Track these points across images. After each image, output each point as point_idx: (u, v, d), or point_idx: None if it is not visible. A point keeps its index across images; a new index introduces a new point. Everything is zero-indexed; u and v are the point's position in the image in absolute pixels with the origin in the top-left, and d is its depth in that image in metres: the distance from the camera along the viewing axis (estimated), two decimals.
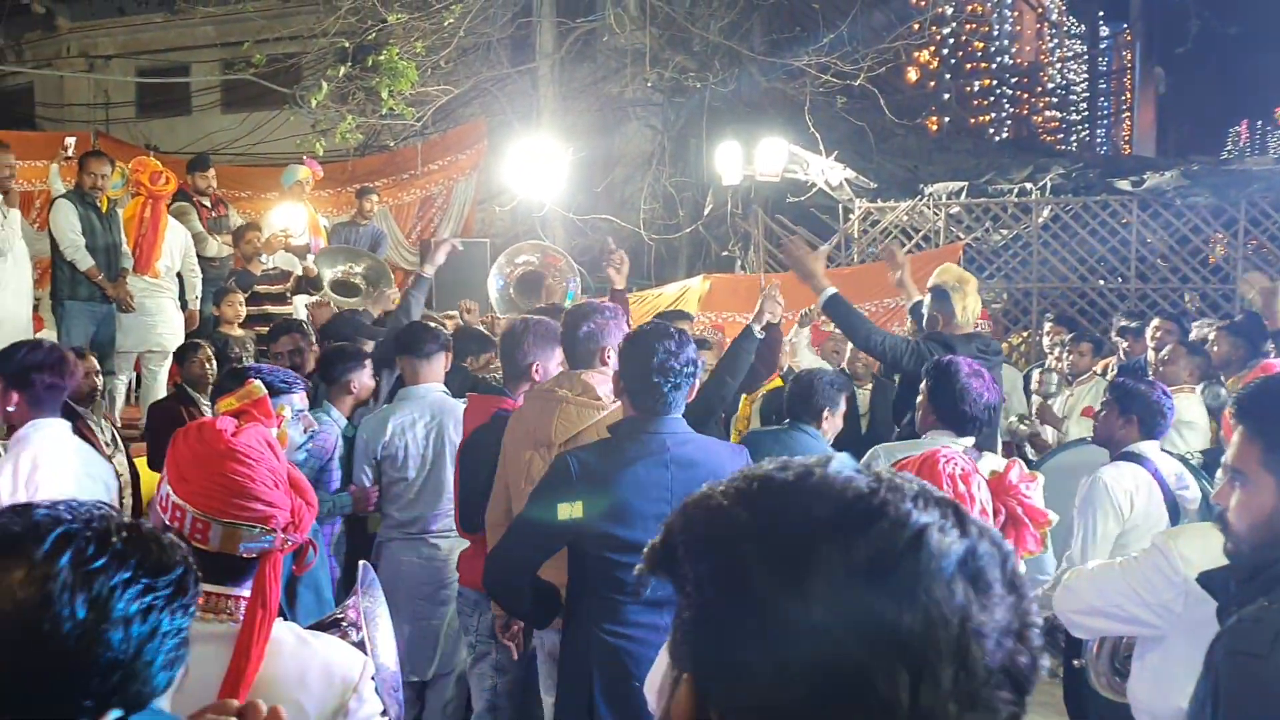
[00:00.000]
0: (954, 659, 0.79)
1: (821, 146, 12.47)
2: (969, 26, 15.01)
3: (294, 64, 13.83)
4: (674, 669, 0.89)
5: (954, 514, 0.85)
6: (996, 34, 26.14)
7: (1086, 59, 31.28)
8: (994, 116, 23.60)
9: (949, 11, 14.56)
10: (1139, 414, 4.12)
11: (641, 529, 3.08)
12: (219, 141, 15.16)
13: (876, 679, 0.78)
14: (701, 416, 4.05)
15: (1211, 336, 6.56)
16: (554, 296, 7.44)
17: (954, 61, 15.97)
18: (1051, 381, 7.24)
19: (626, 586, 3.10)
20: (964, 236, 12.29)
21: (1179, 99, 25.59)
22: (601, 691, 3.12)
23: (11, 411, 3.52)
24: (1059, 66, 30.91)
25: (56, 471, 3.41)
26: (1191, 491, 4.16)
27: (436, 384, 4.79)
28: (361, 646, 2.14)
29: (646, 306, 9.88)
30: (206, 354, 6.30)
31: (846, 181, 12.52)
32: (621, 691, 3.07)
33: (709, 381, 4.51)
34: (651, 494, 3.12)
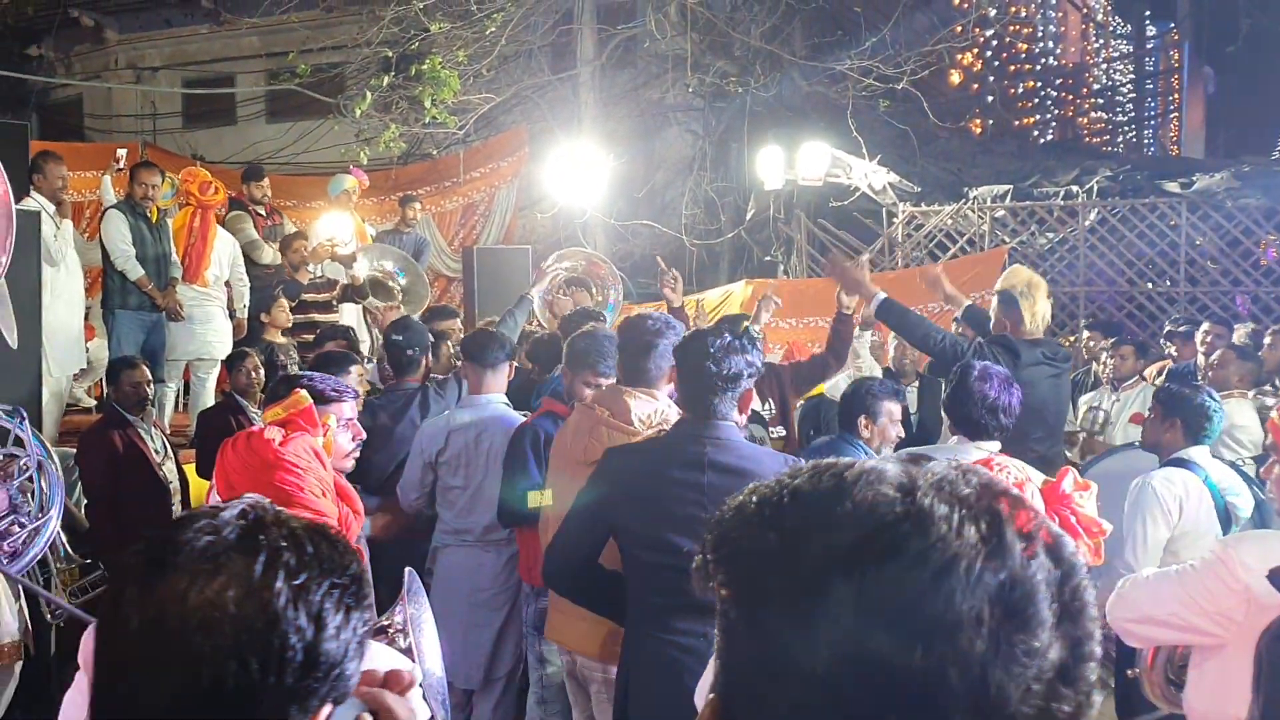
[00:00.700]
0: (969, 707, 0.72)
1: (864, 150, 12.40)
2: (1013, 28, 14.82)
3: (338, 74, 13.96)
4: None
5: (993, 535, 0.75)
6: (1041, 35, 25.88)
7: (1133, 59, 30.93)
8: (1038, 118, 23.36)
9: (992, 13, 14.41)
10: (1182, 418, 4.06)
11: (674, 531, 3.06)
12: (264, 151, 15.34)
13: (888, 715, 0.72)
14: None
15: (1267, 341, 6.45)
16: (575, 304, 7.45)
17: (997, 64, 15.77)
18: (1098, 419, 6.73)
19: (664, 589, 3.09)
20: (1009, 240, 12.17)
21: (1229, 99, 25.19)
22: (642, 697, 3.11)
23: None
24: (1105, 67, 30.53)
25: None
26: (1243, 499, 4.08)
27: (499, 394, 4.80)
28: (409, 653, 2.14)
29: (688, 312, 9.85)
30: (254, 362, 6.36)
31: (890, 185, 12.45)
32: (666, 699, 3.04)
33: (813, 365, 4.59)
34: (683, 496, 3.10)
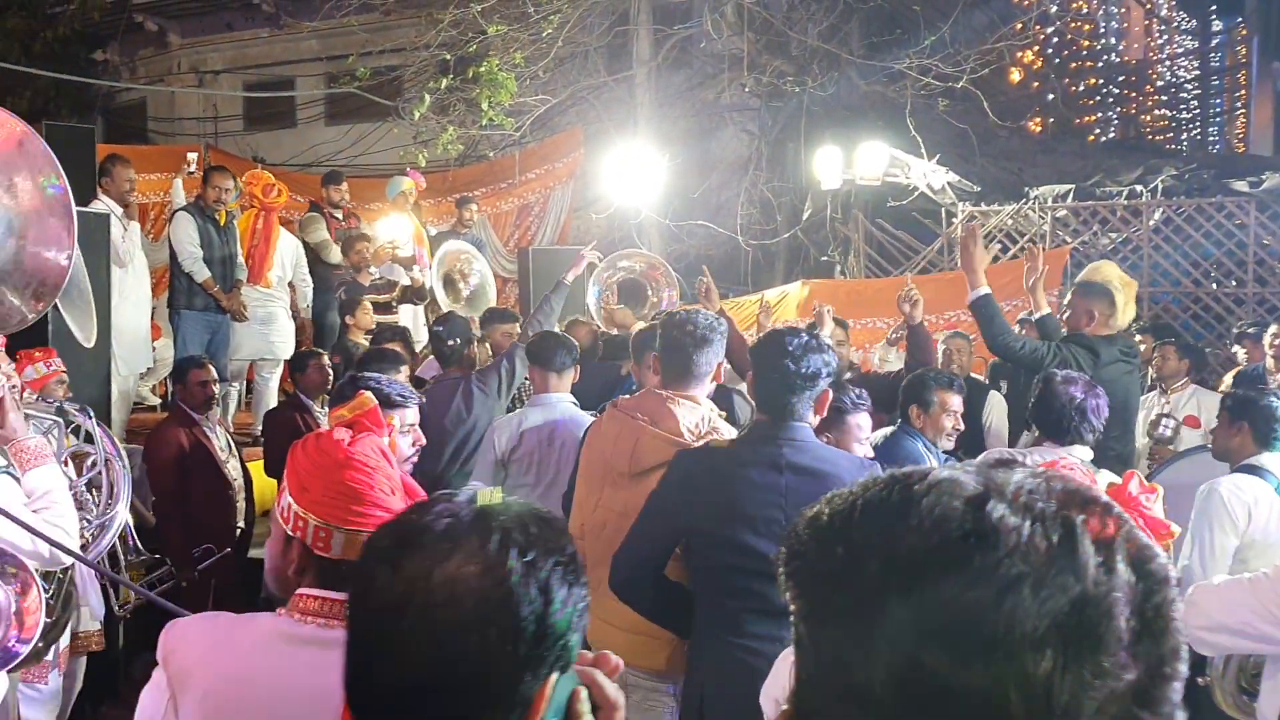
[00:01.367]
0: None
1: (923, 149, 12.29)
2: (1074, 24, 14.58)
3: (396, 76, 14.09)
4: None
5: (1070, 548, 0.71)
6: (1103, 31, 25.46)
7: (1198, 55, 30.32)
8: (1100, 116, 22.96)
9: (1054, 10, 14.20)
10: (1250, 422, 3.98)
11: (751, 533, 3.04)
12: (323, 154, 15.53)
13: None
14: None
15: None
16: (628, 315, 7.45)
17: (1059, 61, 15.51)
18: (1168, 427, 6.66)
19: (739, 592, 3.06)
20: (1071, 240, 11.98)
21: None
22: (717, 702, 3.08)
23: None
24: (1169, 64, 29.96)
25: None
26: None
27: (567, 394, 4.84)
28: None
29: (744, 313, 9.82)
30: (323, 362, 6.44)
31: (949, 185, 12.33)
32: (742, 702, 2.93)
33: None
34: (762, 499, 3.06)
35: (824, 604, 0.77)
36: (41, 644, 3.28)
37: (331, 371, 6.49)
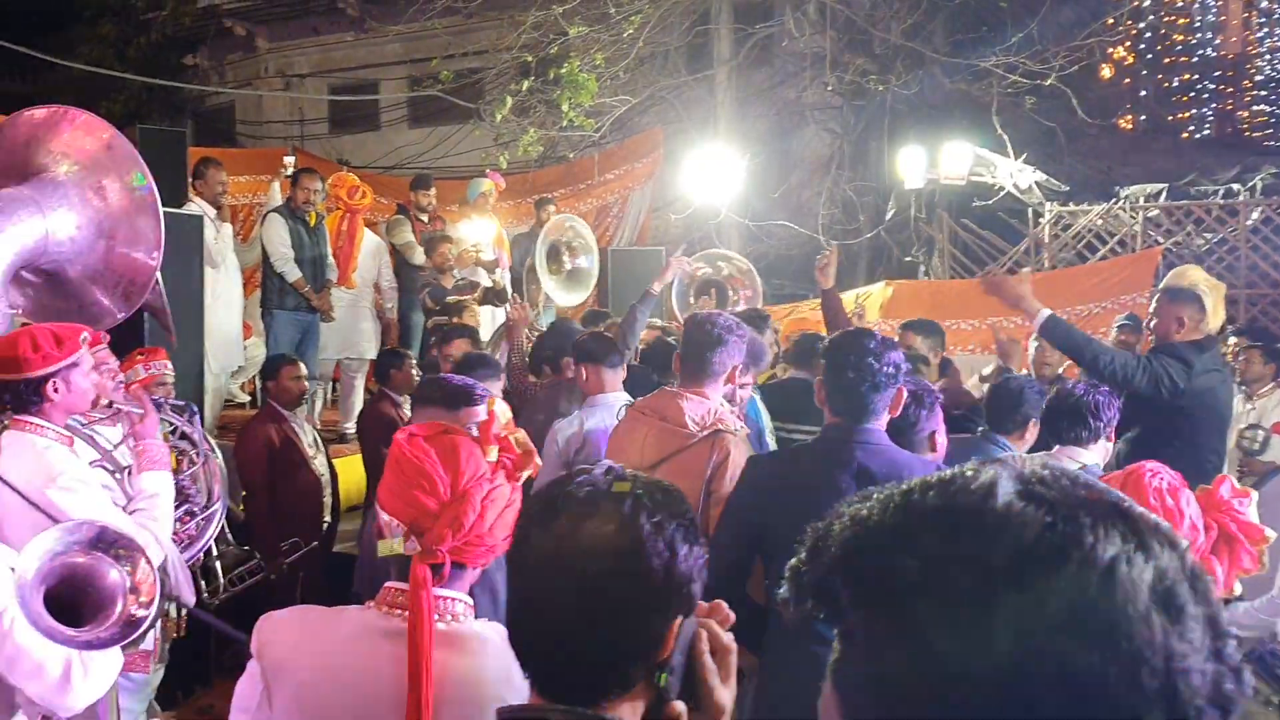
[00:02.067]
0: (1163, 704, 0.71)
1: (1009, 148, 12.06)
2: (1168, 19, 14.10)
3: (478, 79, 14.20)
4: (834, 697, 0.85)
5: (1131, 531, 0.75)
6: (1198, 25, 24.68)
7: None
8: (1195, 113, 22.26)
9: (1146, 4, 13.82)
10: None
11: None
12: (405, 156, 15.72)
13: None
14: None
15: None
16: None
17: (1151, 56, 15.01)
18: (1256, 438, 6.31)
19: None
20: (1163, 241, 11.66)
21: None
22: (791, 707, 3.04)
23: None
24: (1269, 57, 28.97)
25: None
26: None
27: (623, 393, 4.82)
28: None
29: (812, 315, 9.72)
30: (410, 362, 6.52)
31: (1036, 184, 12.08)
32: (812, 710, 2.98)
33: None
34: (836, 502, 3.01)
35: (903, 607, 0.77)
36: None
37: (417, 372, 6.57)
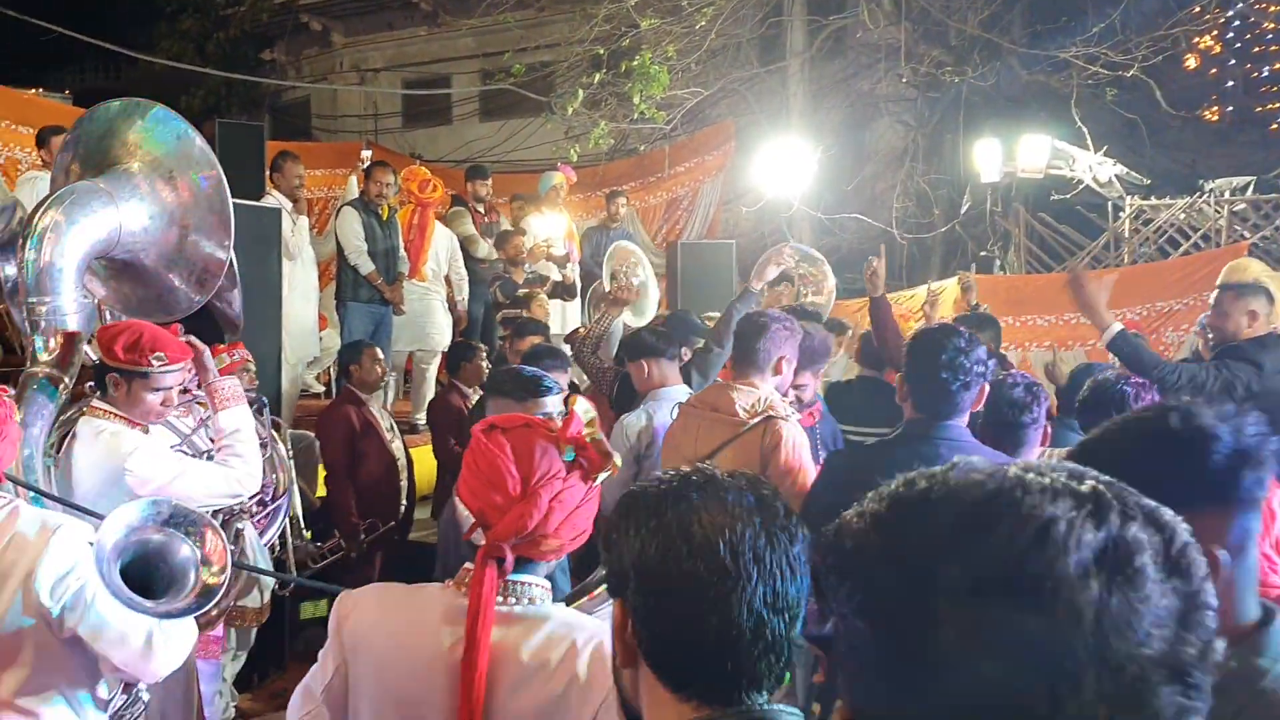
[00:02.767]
0: (1094, 660, 0.74)
1: (1089, 141, 11.79)
2: (1258, 6, 13.71)
3: (549, 72, 14.24)
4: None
5: (1095, 503, 0.78)
6: None
7: None
8: None
9: None
10: None
11: None
12: (477, 150, 15.81)
13: (1020, 696, 0.74)
14: None
15: None
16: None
17: (1239, 45, 14.57)
18: None
19: None
20: (1249, 235, 11.31)
21: None
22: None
23: None
24: None
25: None
26: None
27: (683, 385, 4.87)
28: None
29: (900, 308, 9.59)
30: (480, 354, 6.59)
31: (1116, 178, 11.80)
32: None
33: None
34: None
35: (869, 599, 0.82)
36: (215, 611, 3.44)
37: (487, 365, 6.63)
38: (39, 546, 2.49)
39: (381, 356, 6.36)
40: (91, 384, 3.51)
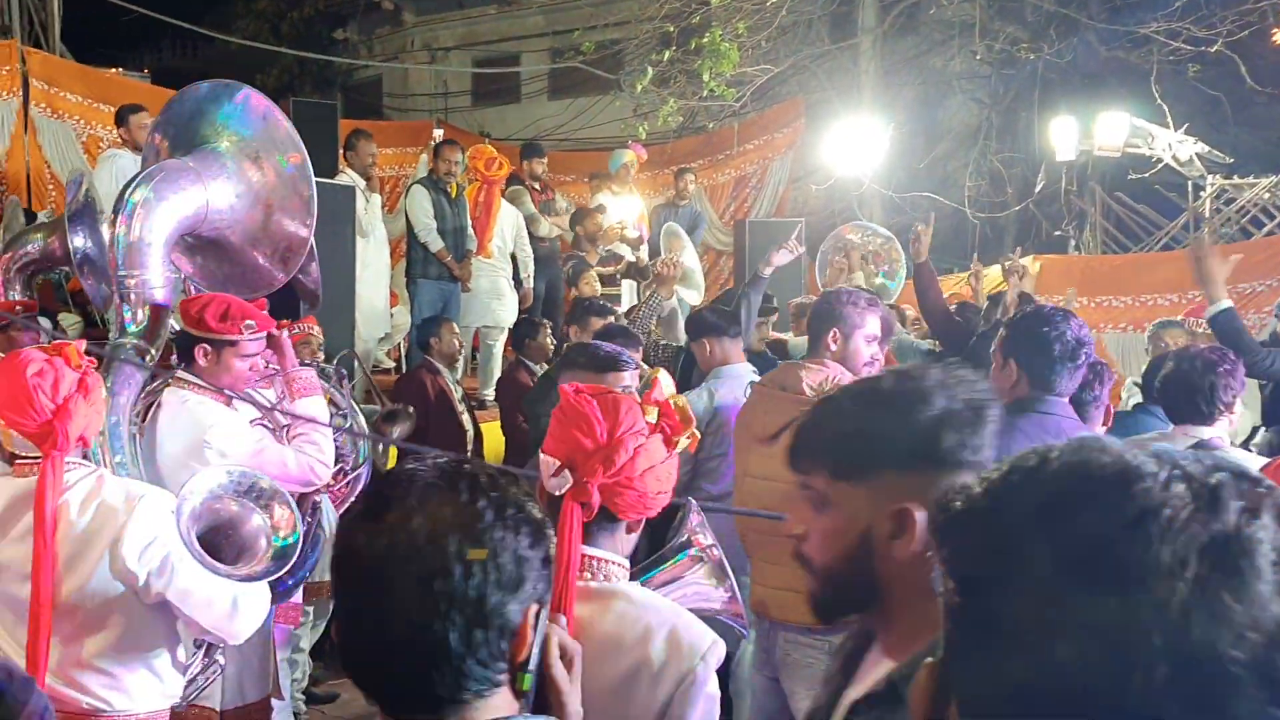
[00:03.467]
0: (1171, 654, 0.71)
1: (1169, 118, 11.51)
2: None
3: (618, 50, 14.22)
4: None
5: (1213, 496, 0.75)
6: None
7: None
8: None
9: None
10: None
11: None
12: (545, 128, 15.85)
13: (1087, 679, 0.73)
14: None
15: None
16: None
17: None
18: None
19: None
20: None
21: None
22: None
23: None
24: None
25: None
26: None
27: (746, 363, 4.86)
28: (722, 566, 2.29)
29: (966, 290, 9.46)
30: (547, 332, 6.65)
31: (1197, 156, 11.50)
32: None
33: None
34: None
35: (963, 560, 0.82)
36: (291, 581, 3.53)
37: (552, 341, 6.70)
38: (125, 514, 2.58)
39: (458, 330, 6.46)
40: (175, 356, 3.61)
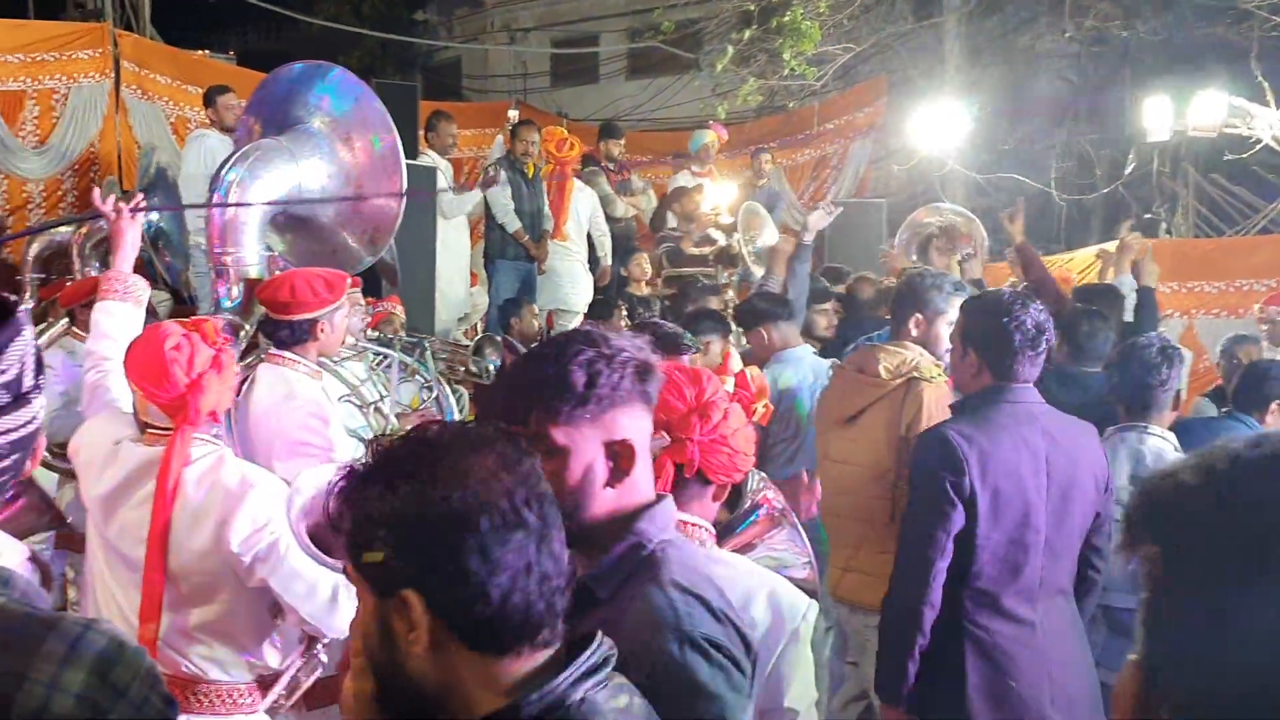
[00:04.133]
0: None
1: (1270, 98, 11.11)
2: None
3: (697, 29, 14.11)
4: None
5: None
6: None
7: None
8: None
9: None
10: None
11: (1021, 502, 2.97)
12: (623, 108, 15.81)
13: None
14: None
15: None
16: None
17: None
18: None
19: (1007, 572, 2.97)
20: None
21: None
22: (975, 689, 2.97)
23: None
24: None
25: None
26: None
27: (806, 345, 4.87)
28: (798, 533, 2.41)
29: (1058, 271, 9.24)
30: (623, 312, 6.65)
31: None
32: (996, 691, 2.93)
33: None
34: (1034, 465, 2.99)
35: (1191, 556, 0.79)
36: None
37: (626, 322, 6.69)
38: (237, 499, 2.63)
39: (538, 311, 6.47)
40: (267, 333, 3.67)
